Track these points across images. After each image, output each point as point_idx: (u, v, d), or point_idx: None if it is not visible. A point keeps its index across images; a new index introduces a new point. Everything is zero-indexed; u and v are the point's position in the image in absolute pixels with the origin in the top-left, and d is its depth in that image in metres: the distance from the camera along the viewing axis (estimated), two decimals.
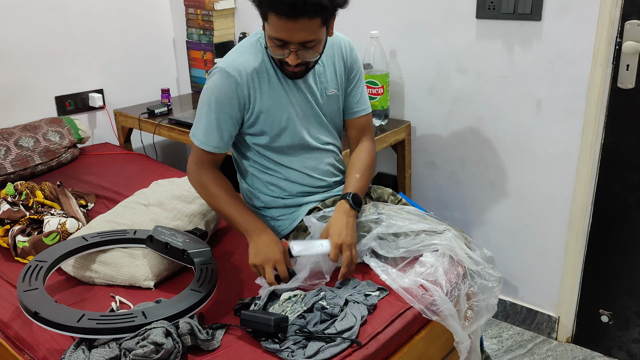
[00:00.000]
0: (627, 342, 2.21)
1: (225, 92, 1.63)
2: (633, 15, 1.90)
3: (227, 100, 1.63)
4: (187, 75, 3.18)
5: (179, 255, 1.62)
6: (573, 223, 2.18)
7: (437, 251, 1.63)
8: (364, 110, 1.85)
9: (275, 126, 1.69)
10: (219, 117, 1.65)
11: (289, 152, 1.74)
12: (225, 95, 1.63)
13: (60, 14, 2.70)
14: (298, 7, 1.41)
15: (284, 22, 1.45)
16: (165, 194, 1.91)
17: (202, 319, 1.49)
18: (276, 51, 1.55)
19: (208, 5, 2.82)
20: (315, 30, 1.49)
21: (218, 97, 1.63)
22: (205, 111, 1.66)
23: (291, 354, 1.33)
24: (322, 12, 1.46)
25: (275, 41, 1.52)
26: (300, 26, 1.46)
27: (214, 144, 1.67)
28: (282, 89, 1.67)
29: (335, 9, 1.51)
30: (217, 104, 1.64)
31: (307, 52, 1.54)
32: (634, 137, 2.01)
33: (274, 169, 1.75)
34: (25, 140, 2.47)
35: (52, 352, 1.42)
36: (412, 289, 1.54)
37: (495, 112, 2.25)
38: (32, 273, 1.52)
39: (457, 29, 2.24)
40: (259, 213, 1.81)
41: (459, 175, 2.43)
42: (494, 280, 1.65)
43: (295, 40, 1.50)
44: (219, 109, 1.64)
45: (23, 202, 2.02)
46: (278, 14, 1.45)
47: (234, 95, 1.63)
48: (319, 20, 1.48)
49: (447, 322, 1.52)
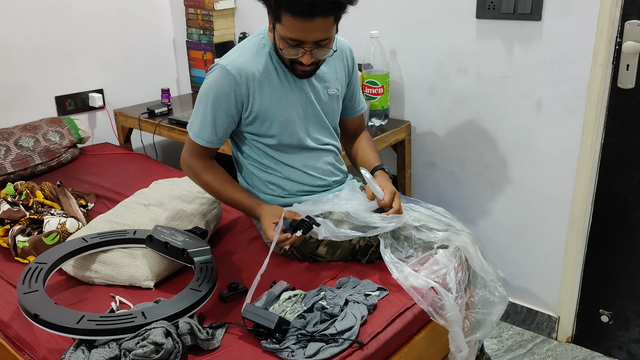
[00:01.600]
0: (627, 342, 2.21)
1: (223, 89, 1.63)
2: (633, 15, 1.90)
3: (224, 97, 1.64)
4: (187, 75, 3.18)
5: (179, 255, 1.62)
6: (573, 223, 2.18)
7: (450, 248, 1.63)
8: (363, 108, 1.93)
9: (275, 126, 1.69)
10: (215, 113, 1.66)
11: (289, 152, 1.74)
12: (223, 93, 1.64)
13: (60, 14, 2.70)
14: (316, 5, 1.43)
15: (300, 22, 1.46)
16: (166, 194, 1.91)
17: (202, 319, 1.49)
18: (290, 52, 1.56)
19: (208, 5, 2.82)
20: (329, 28, 1.52)
21: (216, 93, 1.64)
22: (202, 106, 1.67)
23: (291, 353, 1.33)
24: (338, 10, 1.49)
25: (289, 42, 1.53)
26: (316, 25, 1.48)
27: (208, 139, 1.69)
28: (282, 89, 1.68)
29: (347, 5, 1.53)
30: (214, 100, 1.65)
31: (320, 50, 1.56)
32: (634, 137, 2.00)
33: (274, 167, 1.75)
34: (25, 140, 2.47)
35: (52, 352, 1.42)
36: (423, 289, 1.53)
37: (495, 112, 2.25)
38: (32, 275, 1.52)
39: (457, 29, 2.24)
40: None
41: (459, 175, 2.43)
42: (498, 296, 1.63)
43: (310, 40, 1.51)
44: (215, 105, 1.65)
45: (23, 202, 2.02)
46: (294, 14, 1.45)
47: (231, 93, 1.63)
48: (332, 18, 1.50)
49: (452, 328, 1.52)
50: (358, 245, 1.72)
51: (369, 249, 1.72)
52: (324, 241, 1.73)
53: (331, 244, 1.73)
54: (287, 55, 1.58)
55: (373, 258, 1.74)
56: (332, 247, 1.73)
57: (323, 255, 1.74)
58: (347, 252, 1.73)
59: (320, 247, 1.73)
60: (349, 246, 1.73)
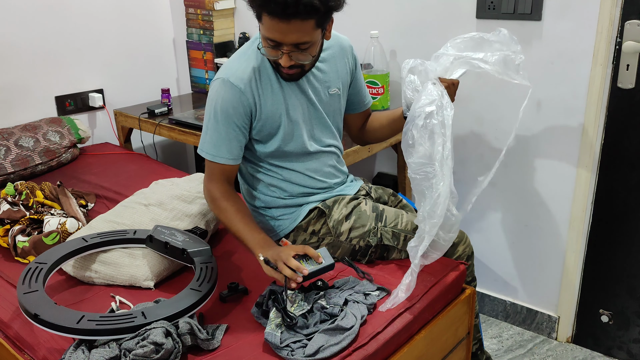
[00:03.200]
0: (627, 342, 2.21)
1: (229, 102, 1.61)
2: (633, 15, 1.90)
3: (233, 110, 1.61)
4: (187, 75, 3.18)
5: (179, 255, 1.62)
6: (573, 223, 2.18)
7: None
8: (370, 101, 1.94)
9: (276, 129, 1.68)
10: (227, 128, 1.62)
11: (291, 155, 1.74)
12: (230, 105, 1.61)
13: (60, 14, 2.70)
14: (290, 7, 1.41)
15: (276, 22, 1.45)
16: (166, 194, 1.91)
17: (202, 319, 1.49)
18: (270, 52, 1.54)
19: (208, 5, 2.82)
20: (308, 31, 1.48)
21: (223, 107, 1.61)
22: (212, 124, 1.63)
23: (291, 352, 1.33)
24: (315, 14, 1.45)
25: (268, 42, 1.52)
26: (293, 27, 1.45)
27: (224, 155, 1.65)
28: (282, 92, 1.67)
29: (329, 11, 1.50)
30: (223, 115, 1.61)
31: (300, 54, 1.53)
32: (634, 137, 2.00)
33: (275, 170, 1.75)
34: (25, 140, 2.47)
35: (52, 352, 1.42)
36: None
37: (495, 112, 2.25)
38: (32, 275, 1.52)
39: (457, 29, 2.23)
40: (259, 212, 1.81)
41: (459, 175, 2.42)
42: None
43: (287, 42, 1.49)
44: (225, 119, 1.62)
45: (23, 202, 2.02)
46: (270, 14, 1.44)
47: (238, 104, 1.61)
48: (312, 22, 1.47)
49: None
50: (358, 245, 1.72)
51: (368, 249, 1.72)
52: (324, 241, 1.74)
53: (331, 244, 1.73)
54: (267, 56, 1.57)
55: (373, 258, 1.75)
56: (332, 247, 1.73)
57: None
58: (347, 252, 1.73)
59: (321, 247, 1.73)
60: (348, 246, 1.73)
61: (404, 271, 1.68)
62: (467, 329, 1.81)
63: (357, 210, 1.74)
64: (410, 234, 1.72)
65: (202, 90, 3.06)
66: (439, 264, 1.71)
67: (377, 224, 1.72)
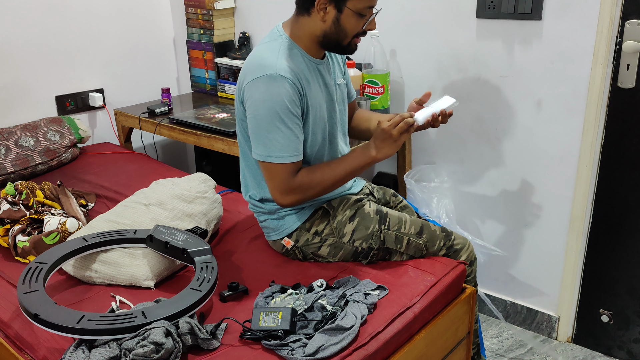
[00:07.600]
0: (627, 341, 2.21)
1: (286, 95, 1.54)
2: (633, 14, 1.90)
3: (291, 105, 1.55)
4: (187, 75, 3.18)
5: (179, 254, 1.62)
6: (573, 223, 2.18)
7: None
8: (354, 95, 1.94)
9: (318, 125, 1.67)
10: (291, 123, 1.56)
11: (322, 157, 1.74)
12: (288, 99, 1.54)
13: (60, 14, 2.70)
14: None
15: None
16: (166, 194, 1.91)
17: (202, 318, 1.49)
18: (363, 23, 1.59)
19: (208, 5, 2.82)
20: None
21: (281, 105, 1.54)
22: (274, 125, 1.55)
23: (291, 352, 1.33)
24: None
25: (367, 10, 1.58)
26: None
27: (296, 153, 1.59)
28: (318, 86, 1.67)
29: None
30: (284, 111, 1.55)
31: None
32: (634, 137, 2.00)
33: None
34: (25, 140, 2.47)
35: (52, 351, 1.42)
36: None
37: (495, 112, 2.25)
38: (32, 275, 1.52)
39: (457, 29, 2.24)
40: (263, 208, 1.78)
41: (459, 175, 2.43)
42: None
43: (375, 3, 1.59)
44: (287, 115, 1.55)
45: (23, 202, 2.02)
46: None
47: (294, 96, 1.56)
48: None
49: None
50: (360, 247, 1.72)
51: (370, 251, 1.72)
52: (327, 242, 1.73)
53: (334, 245, 1.73)
54: (365, 28, 1.61)
55: (375, 260, 1.74)
56: (335, 249, 1.73)
57: (325, 256, 1.74)
58: (349, 254, 1.73)
59: (323, 248, 1.73)
60: (351, 248, 1.72)
61: (405, 271, 1.69)
62: (468, 328, 1.81)
63: (360, 212, 1.74)
64: (413, 238, 1.72)
65: (202, 90, 3.06)
66: (439, 264, 1.71)
67: (381, 226, 1.72)
